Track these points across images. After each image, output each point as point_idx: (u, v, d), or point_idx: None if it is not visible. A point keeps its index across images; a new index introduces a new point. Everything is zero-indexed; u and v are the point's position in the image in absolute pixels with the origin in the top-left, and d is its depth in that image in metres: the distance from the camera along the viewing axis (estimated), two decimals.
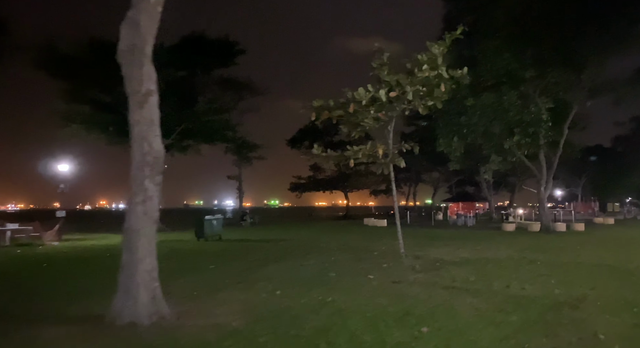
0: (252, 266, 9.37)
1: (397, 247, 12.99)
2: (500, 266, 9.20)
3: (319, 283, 7.15)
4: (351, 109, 9.36)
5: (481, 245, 13.83)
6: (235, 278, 7.79)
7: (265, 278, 7.74)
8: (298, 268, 9.03)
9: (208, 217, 16.94)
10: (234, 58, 28.07)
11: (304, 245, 14.22)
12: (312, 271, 8.41)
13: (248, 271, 8.54)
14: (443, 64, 9.48)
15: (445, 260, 10.10)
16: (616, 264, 9.69)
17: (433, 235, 18.46)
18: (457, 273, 8.28)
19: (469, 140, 20.99)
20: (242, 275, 8.18)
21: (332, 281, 7.36)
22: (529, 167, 21.88)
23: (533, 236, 17.93)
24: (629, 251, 12.27)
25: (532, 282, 7.41)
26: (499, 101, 19.11)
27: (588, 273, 8.51)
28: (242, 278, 7.71)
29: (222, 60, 27.45)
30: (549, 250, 12.47)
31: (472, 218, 27.44)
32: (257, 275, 8.16)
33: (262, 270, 8.72)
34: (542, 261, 10.03)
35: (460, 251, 12.02)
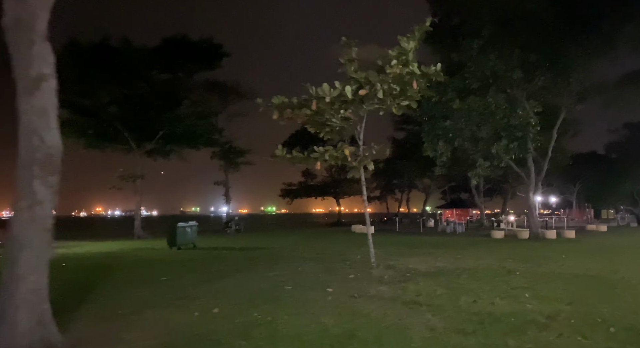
0: (209, 278, 8.66)
1: (377, 256, 12.38)
2: (475, 277, 8.54)
3: (268, 299, 6.46)
4: (313, 107, 8.72)
5: (463, 253, 13.18)
6: (179, 292, 7.09)
7: (213, 292, 7.04)
8: (257, 280, 8.32)
9: (181, 224, 16.21)
10: (219, 61, 27.53)
11: (277, 254, 13.52)
12: (269, 284, 7.71)
13: (199, 285, 7.84)
14: (414, 59, 8.87)
15: (419, 270, 9.42)
16: (600, 275, 9.05)
17: (417, 243, 17.78)
18: (426, 285, 7.61)
19: (456, 144, 20.45)
20: (189, 288, 7.47)
21: (284, 296, 6.67)
22: (519, 173, 21.32)
23: (520, 244, 17.29)
24: (615, 260, 11.63)
25: (504, 296, 6.75)
26: (486, 104, 18.58)
27: (568, 285, 7.86)
28: (187, 293, 7.00)
29: (207, 63, 26.90)
30: (532, 259, 11.81)
31: (461, 225, 26.79)
32: (207, 288, 7.46)
33: (216, 283, 8.02)
34: (521, 272, 9.37)
35: (439, 260, 11.35)
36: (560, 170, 41.17)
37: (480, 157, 20.03)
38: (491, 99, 18.53)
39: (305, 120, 9.57)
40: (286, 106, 9.02)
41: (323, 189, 50.78)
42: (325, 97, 8.59)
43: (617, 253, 13.72)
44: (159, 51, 24.85)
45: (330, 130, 9.73)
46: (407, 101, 10.09)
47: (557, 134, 23.59)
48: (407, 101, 10.10)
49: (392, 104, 10.04)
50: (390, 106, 10.07)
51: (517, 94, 19.95)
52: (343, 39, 8.99)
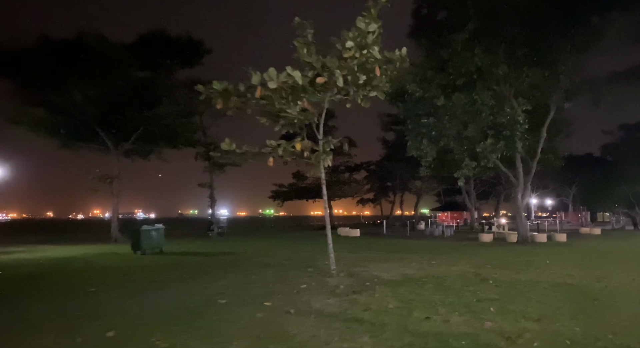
0: (143, 289, 7.75)
1: (346, 261, 11.48)
2: (442, 287, 7.63)
3: (187, 317, 5.54)
4: (258, 94, 7.80)
5: (440, 259, 12.28)
6: (89, 308, 6.15)
7: (128, 309, 6.12)
8: (194, 292, 7.40)
9: (145, 227, 15.27)
10: (200, 58, 26.62)
11: (242, 260, 12.60)
12: (204, 298, 6.78)
13: (122, 299, 6.90)
14: (376, 43, 7.95)
15: (382, 279, 8.51)
16: (581, 283, 8.15)
17: (398, 247, 16.87)
18: (381, 297, 6.70)
19: (441, 144, 19.58)
20: (106, 303, 6.54)
21: (208, 314, 5.74)
22: (507, 174, 20.44)
23: (506, 248, 16.40)
24: (601, 266, 10.75)
25: (465, 311, 5.84)
26: (471, 102, 17.72)
27: (543, 296, 6.96)
28: (96, 310, 6.06)
29: (186, 60, 25.99)
30: (512, 265, 10.92)
31: (450, 228, 25.90)
32: (126, 303, 6.54)
33: (144, 296, 7.10)
34: (496, 280, 8.47)
35: (411, 267, 10.44)
36: (554, 172, 40.43)
37: (466, 157, 19.14)
38: (477, 96, 17.67)
39: (255, 110, 8.65)
40: (231, 93, 8.10)
41: (314, 191, 49.83)
42: (271, 84, 7.66)
43: (605, 258, 12.84)
44: (136, 48, 23.94)
45: (286, 122, 8.79)
46: (374, 91, 9.23)
47: (547, 134, 22.79)
48: (374, 91, 9.25)
49: (357, 95, 9.17)
50: (354, 96, 9.20)
51: (505, 91, 19.13)
52: (296, 19, 8.09)
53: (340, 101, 9.46)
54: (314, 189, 49.89)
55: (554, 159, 25.46)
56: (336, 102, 9.62)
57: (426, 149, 19.25)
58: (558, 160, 25.47)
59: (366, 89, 9.15)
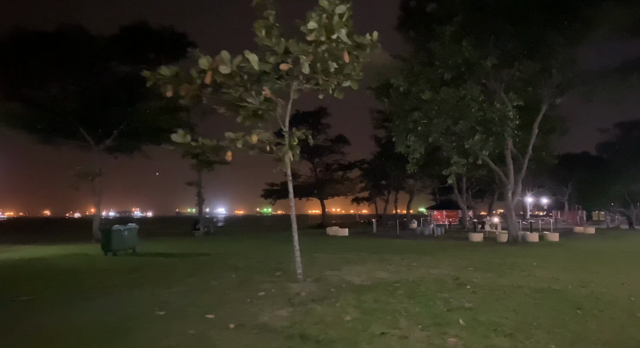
0: (86, 296, 7.08)
1: (321, 264, 10.84)
2: (413, 293, 6.97)
3: (108, 334, 4.87)
4: (207, 80, 7.08)
5: (422, 260, 11.63)
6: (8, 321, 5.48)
7: (52, 321, 5.46)
8: (138, 300, 6.73)
9: (116, 227, 14.57)
10: (184, 51, 25.82)
11: (214, 262, 11.92)
12: (142, 308, 6.09)
13: (54, 309, 6.22)
14: (343, 24, 7.23)
15: (351, 284, 7.85)
16: (566, 289, 7.52)
17: (382, 247, 16.22)
18: (341, 306, 6.04)
19: (430, 140, 18.92)
20: (30, 315, 5.87)
21: (135, 329, 5.07)
22: (497, 171, 19.81)
23: (495, 249, 15.77)
24: (590, 269, 10.12)
25: (430, 323, 5.19)
26: (460, 96, 17.06)
27: (522, 304, 6.32)
28: (15, 323, 5.39)
29: (170, 53, 25.19)
30: (496, 267, 10.28)
31: (441, 228, 25.29)
32: (56, 314, 5.87)
33: (82, 305, 6.44)
34: (474, 285, 7.82)
35: (387, 269, 9.79)
36: (549, 171, 39.87)
37: (455, 154, 18.50)
38: (465, 91, 17.01)
39: (212, 99, 7.94)
40: (182, 79, 7.39)
41: (307, 190, 49.13)
42: (222, 68, 6.95)
43: (596, 259, 12.22)
44: (118, 41, 23.17)
45: (248, 113, 8.07)
46: (348, 80, 8.54)
47: (540, 131, 22.18)
48: (347, 80, 8.56)
49: (327, 85, 8.48)
50: (325, 86, 8.51)
51: (495, 85, 18.49)
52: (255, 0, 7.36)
53: (310, 91, 8.78)
54: (307, 188, 49.28)
55: (547, 157, 24.86)
56: (306, 93, 8.94)
57: (413, 145, 18.62)
58: (551, 158, 24.85)
59: (337, 78, 8.48)
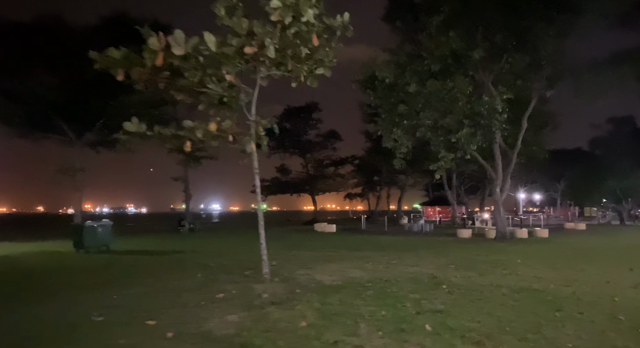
0: (29, 300, 6.56)
1: (296, 262, 10.37)
2: (383, 295, 6.51)
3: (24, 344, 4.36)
4: (159, 62, 6.55)
5: (404, 258, 11.19)
6: None
7: None
8: (85, 303, 6.22)
9: (89, 223, 14.00)
10: None
11: (185, 260, 11.43)
12: (83, 312, 5.56)
13: None
14: (312, 4, 6.69)
15: (320, 284, 7.37)
16: (548, 288, 7.08)
17: (365, 244, 15.79)
18: (301, 310, 5.56)
19: (418, 135, 18.45)
20: None
21: (62, 339, 4.57)
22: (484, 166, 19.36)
23: (481, 245, 15.38)
24: (576, 266, 9.72)
25: (392, 329, 4.71)
26: (447, 89, 16.58)
27: (498, 306, 5.87)
28: None
29: None
30: (479, 265, 9.85)
31: (430, 224, 24.90)
32: None
33: (17, 310, 5.91)
34: (451, 285, 7.37)
35: (364, 268, 9.33)
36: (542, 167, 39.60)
37: (442, 148, 18.03)
38: (453, 83, 16.53)
39: (170, 84, 7.39)
40: (134, 62, 6.84)
41: (298, 186, 48.58)
42: (176, 49, 6.40)
43: (583, 256, 11.83)
44: (98, 31, 22.44)
45: (212, 101, 7.52)
46: (320, 67, 8.03)
47: (531, 126, 21.80)
48: (319, 67, 8.05)
49: (299, 71, 7.96)
50: (297, 73, 7.98)
51: (483, 78, 18.02)
52: None
53: (280, 77, 8.26)
54: (298, 184, 48.69)
55: (538, 151, 24.51)
56: (277, 80, 8.42)
57: (400, 139, 18.15)
58: (542, 152, 24.49)
59: (309, 64, 7.96)
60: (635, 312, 5.55)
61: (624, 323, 5.10)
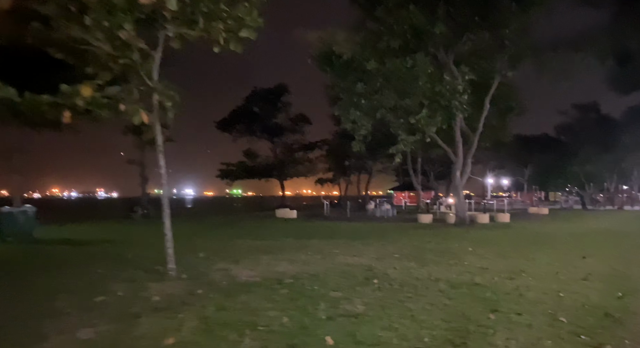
0: None
1: (224, 253, 9.32)
2: (299, 294, 5.56)
3: None
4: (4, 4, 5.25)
5: (348, 247, 10.32)
6: None
7: None
8: None
9: (6, 209, 12.54)
10: None
11: (104, 251, 10.22)
12: None
13: None
14: None
15: (234, 281, 6.37)
16: (491, 282, 6.31)
17: (317, 232, 14.90)
18: (183, 318, 4.54)
19: (378, 116, 17.52)
20: None
21: None
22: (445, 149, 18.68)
23: (438, 231, 14.75)
24: (528, 255, 9.07)
25: (283, 345, 3.75)
26: (407, 67, 15.65)
27: (427, 305, 5.02)
28: None
29: None
30: (426, 254, 9.08)
31: (392, 209, 24.30)
32: None
33: None
34: (386, 279, 6.51)
35: (297, 260, 8.38)
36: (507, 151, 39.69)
37: (402, 131, 17.20)
38: (413, 62, 15.61)
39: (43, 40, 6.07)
40: None
41: (266, 171, 47.15)
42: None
43: (538, 243, 11.27)
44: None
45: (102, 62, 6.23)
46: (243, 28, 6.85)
47: (497, 110, 21.29)
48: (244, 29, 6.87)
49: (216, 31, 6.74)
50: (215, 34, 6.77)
51: (445, 57, 17.15)
52: None
53: (198, 40, 7.02)
54: (267, 168, 47.22)
55: (502, 136, 24.12)
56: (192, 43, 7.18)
57: (360, 121, 17.21)
58: (507, 136, 24.10)
59: (228, 24, 6.76)
60: (578, 313, 4.79)
61: (564, 326, 4.32)
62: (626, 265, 7.93)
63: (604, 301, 5.30)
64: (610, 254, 9.21)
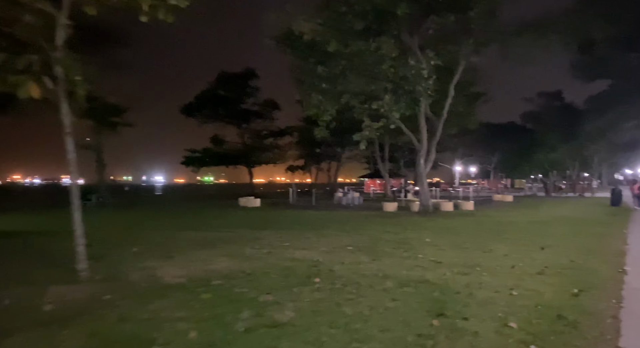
0: None
1: (162, 247, 8.49)
2: (223, 298, 4.85)
3: None
4: None
5: (300, 239, 9.67)
6: None
7: None
8: None
9: None
10: None
11: (25, 245, 9.18)
12: None
13: None
14: None
15: (156, 283, 5.60)
16: (443, 278, 5.78)
17: (276, 221, 14.23)
18: (60, 339, 3.75)
19: (343, 101, 16.83)
20: None
21: None
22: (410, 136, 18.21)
23: (400, 220, 14.34)
24: (487, 245, 8.67)
25: None
26: (370, 49, 14.97)
27: (367, 311, 4.42)
28: None
29: None
30: (381, 246, 8.54)
31: (358, 198, 23.86)
32: None
33: None
34: (330, 276, 5.89)
35: (238, 255, 7.66)
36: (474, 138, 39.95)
37: (366, 116, 16.60)
38: (377, 44, 14.93)
39: None
40: None
41: (235, 157, 45.73)
42: None
43: (498, 232, 10.98)
44: None
45: None
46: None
47: (460, 95, 20.98)
48: None
49: None
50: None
51: (410, 41, 16.54)
52: None
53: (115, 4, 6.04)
54: (235, 155, 45.75)
55: (469, 123, 23.94)
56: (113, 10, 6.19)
57: (323, 106, 16.48)
58: (473, 123, 23.95)
59: None
60: (530, 315, 4.30)
61: (513, 334, 3.80)
62: (584, 255, 7.63)
63: (559, 300, 4.86)
64: (569, 244, 8.95)
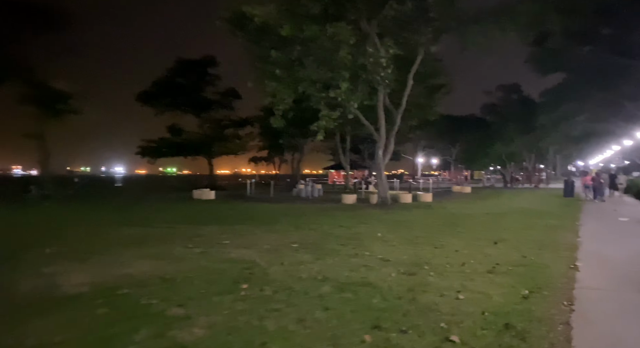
0: None
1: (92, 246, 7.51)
2: (126, 314, 4.09)
3: None
4: None
5: (245, 236, 8.95)
6: None
7: None
8: None
9: None
10: None
11: None
12: None
13: None
14: None
15: (49, 293, 4.73)
16: (386, 280, 5.24)
17: (224, 215, 13.38)
18: None
19: (300, 90, 16.07)
20: None
21: None
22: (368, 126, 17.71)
23: (356, 213, 13.89)
24: (439, 240, 8.28)
25: None
26: (326, 35, 14.26)
27: (292, 326, 3.78)
28: None
29: None
30: (329, 243, 7.95)
31: (319, 190, 23.32)
32: None
33: None
34: (263, 281, 5.21)
35: (168, 255, 6.84)
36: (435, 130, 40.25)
37: (323, 106, 15.93)
38: (333, 30, 14.23)
39: None
40: None
41: (193, 148, 43.86)
42: None
43: (454, 225, 10.69)
44: None
45: None
46: None
47: (421, 86, 20.72)
48: None
49: None
50: None
51: (368, 28, 15.94)
52: None
53: None
54: (194, 145, 43.85)
55: (429, 114, 23.76)
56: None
57: (279, 94, 15.67)
58: (433, 114, 23.80)
59: None
60: (475, 325, 3.80)
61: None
62: (537, 250, 7.36)
63: (507, 304, 4.41)
64: (523, 238, 8.71)
